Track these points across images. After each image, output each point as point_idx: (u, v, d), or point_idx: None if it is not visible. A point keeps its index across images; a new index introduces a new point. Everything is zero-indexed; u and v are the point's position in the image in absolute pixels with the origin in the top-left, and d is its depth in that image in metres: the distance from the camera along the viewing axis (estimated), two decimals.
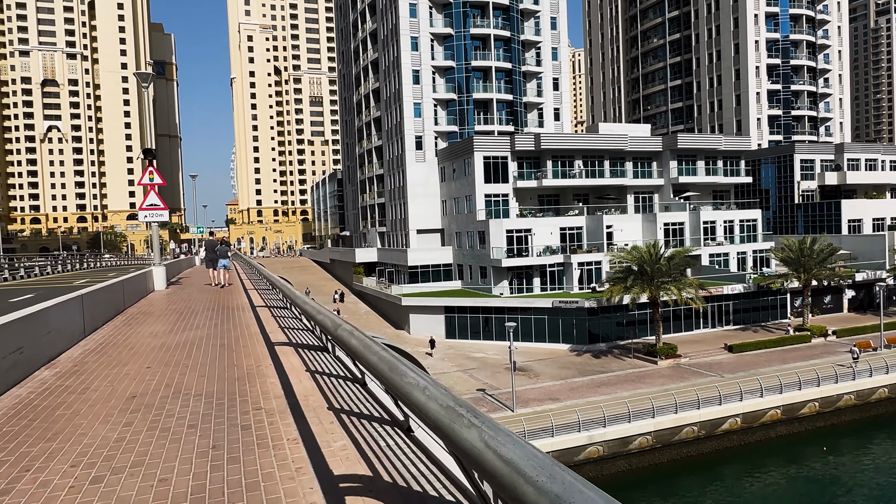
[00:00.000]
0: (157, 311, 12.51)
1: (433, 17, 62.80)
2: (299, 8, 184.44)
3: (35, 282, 27.38)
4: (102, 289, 10.71)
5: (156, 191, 18.08)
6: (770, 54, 79.75)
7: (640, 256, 41.34)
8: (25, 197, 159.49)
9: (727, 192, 65.40)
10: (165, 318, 11.44)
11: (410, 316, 53.02)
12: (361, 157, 78.95)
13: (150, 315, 11.86)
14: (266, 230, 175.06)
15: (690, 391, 33.15)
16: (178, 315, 11.78)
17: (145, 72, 17.90)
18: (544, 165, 55.61)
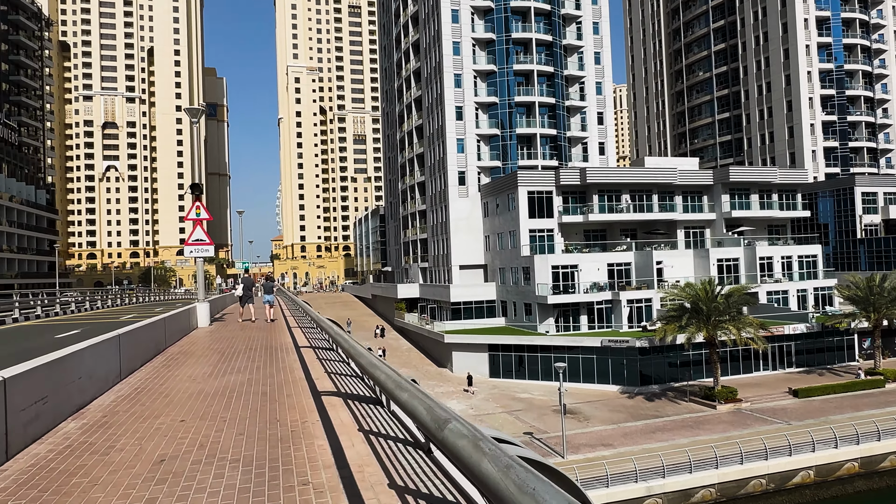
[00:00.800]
0: (199, 351, 11.92)
1: (476, 55, 63.24)
2: (344, 51, 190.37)
3: (84, 316, 27.59)
4: (142, 328, 10.17)
5: (202, 226, 17.85)
6: (824, 85, 77.28)
7: (694, 294, 39.39)
8: (83, 233, 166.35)
9: (783, 226, 62.66)
10: (206, 358, 10.81)
11: (453, 353, 51.83)
12: (404, 193, 79.27)
13: (191, 355, 11.26)
14: (309, 265, 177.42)
15: (756, 440, 30.78)
16: (219, 356, 11.14)
17: (194, 107, 17.88)
18: (590, 200, 54.40)
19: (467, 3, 62.78)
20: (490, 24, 63.48)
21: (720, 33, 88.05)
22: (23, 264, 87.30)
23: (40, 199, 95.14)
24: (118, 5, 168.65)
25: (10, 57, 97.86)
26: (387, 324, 75.80)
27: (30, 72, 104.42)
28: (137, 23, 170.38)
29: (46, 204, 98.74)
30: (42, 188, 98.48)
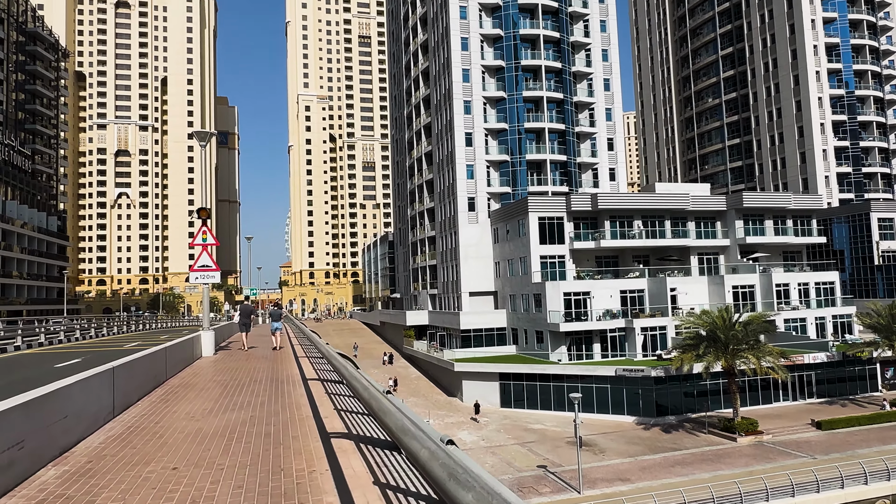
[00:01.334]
0: (201, 383, 11.25)
1: (486, 81, 63.43)
2: (354, 79, 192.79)
3: (89, 344, 27.03)
4: (140, 359, 9.54)
5: (209, 251, 17.34)
6: (835, 111, 76.82)
7: (711, 321, 38.38)
8: (94, 260, 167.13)
9: (798, 252, 61.68)
10: (208, 392, 10.14)
11: (463, 382, 50.75)
12: (413, 219, 78.98)
13: (192, 388, 10.60)
14: (318, 292, 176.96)
15: (781, 475, 29.48)
16: (222, 389, 10.47)
17: (203, 131, 17.53)
18: (602, 226, 53.75)
19: (477, 30, 63.23)
20: (499, 51, 63.80)
21: (729, 60, 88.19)
22: (32, 290, 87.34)
23: (51, 226, 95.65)
24: (134, 36, 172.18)
25: (27, 87, 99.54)
26: (395, 351, 74.79)
27: (45, 101, 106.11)
28: (152, 53, 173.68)
29: (58, 230, 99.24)
30: (54, 215, 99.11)
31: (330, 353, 7.44)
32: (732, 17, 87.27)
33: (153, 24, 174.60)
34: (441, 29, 66.27)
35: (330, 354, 7.61)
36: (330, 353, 7.44)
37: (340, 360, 7.87)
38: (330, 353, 7.44)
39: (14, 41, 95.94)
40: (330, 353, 7.44)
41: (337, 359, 8.10)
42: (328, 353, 7.65)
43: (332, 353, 7.83)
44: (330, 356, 7.57)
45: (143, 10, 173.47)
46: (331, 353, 7.63)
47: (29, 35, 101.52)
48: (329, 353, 7.76)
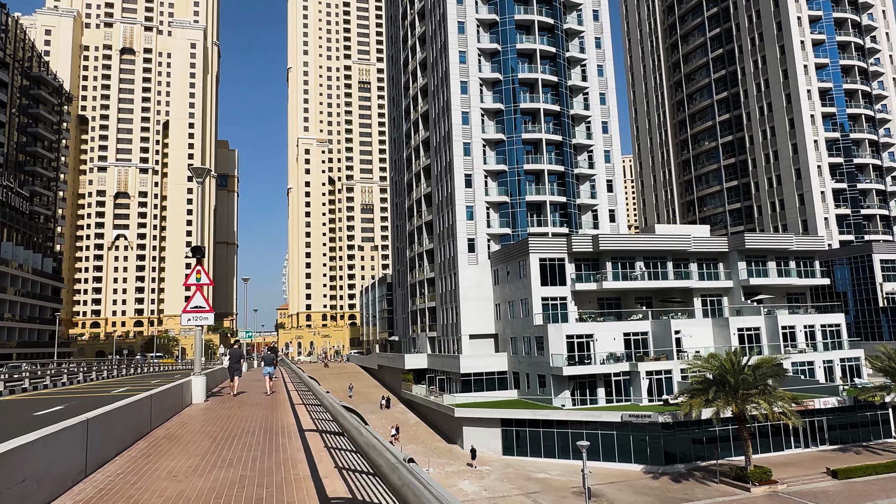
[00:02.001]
0: (188, 435, 10.33)
1: (485, 124, 63.88)
2: (354, 124, 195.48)
3: (75, 389, 25.91)
4: (120, 409, 8.67)
5: (203, 292, 16.57)
6: (831, 153, 77.45)
7: (719, 365, 37.33)
8: (88, 302, 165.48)
9: (802, 294, 60.94)
10: (195, 445, 9.22)
11: (464, 429, 49.12)
12: (412, 261, 78.37)
13: (178, 441, 9.67)
14: (314, 335, 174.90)
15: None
16: (210, 441, 9.56)
17: (200, 167, 17.02)
18: (603, 267, 53.13)
19: (476, 75, 64.03)
20: (499, 94, 64.49)
21: (724, 104, 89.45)
22: (23, 333, 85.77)
23: (47, 267, 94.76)
24: (137, 81, 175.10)
25: (29, 129, 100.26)
26: (393, 395, 73.02)
27: (46, 143, 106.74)
28: (154, 97, 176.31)
29: (53, 272, 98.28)
30: (49, 256, 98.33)
31: (335, 408, 6.61)
32: (726, 62, 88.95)
33: (157, 69, 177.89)
34: (441, 73, 67.14)
35: (334, 408, 6.78)
36: (335, 408, 6.61)
37: (340, 410, 7.04)
38: (335, 408, 6.61)
39: (18, 85, 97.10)
40: (335, 408, 6.61)
41: (337, 409, 7.27)
42: (334, 409, 6.82)
43: (337, 407, 7.00)
44: (334, 410, 6.74)
45: (147, 57, 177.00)
46: (336, 407, 6.80)
47: (33, 79, 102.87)
48: (334, 408, 6.94)
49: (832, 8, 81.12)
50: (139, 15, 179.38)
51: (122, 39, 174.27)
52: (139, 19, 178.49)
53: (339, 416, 6.05)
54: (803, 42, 78.58)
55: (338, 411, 6.28)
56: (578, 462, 43.85)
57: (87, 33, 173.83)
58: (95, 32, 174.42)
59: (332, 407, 7.19)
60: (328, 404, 7.48)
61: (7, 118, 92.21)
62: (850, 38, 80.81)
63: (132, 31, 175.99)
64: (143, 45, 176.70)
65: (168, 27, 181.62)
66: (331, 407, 7.22)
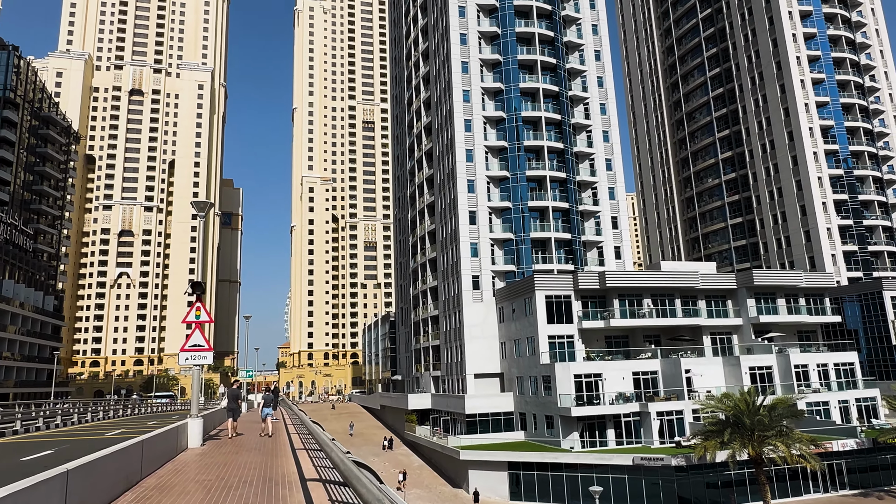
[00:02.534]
0: (181, 485, 9.57)
1: (489, 161, 64.05)
2: (358, 162, 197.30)
3: (69, 431, 25.02)
4: (105, 458, 7.99)
5: (202, 330, 15.95)
6: (836, 190, 77.34)
7: (734, 405, 36.19)
8: (89, 340, 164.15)
9: (813, 332, 59.94)
10: (188, 497, 8.49)
11: (469, 472, 47.55)
12: (416, 299, 77.62)
13: (170, 491, 8.93)
14: (316, 374, 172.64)
15: None
16: (205, 492, 8.82)
17: (202, 201, 16.62)
18: (610, 304, 52.36)
19: (480, 112, 64.55)
20: (502, 132, 64.88)
21: (726, 142, 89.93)
22: (21, 372, 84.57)
23: (48, 306, 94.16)
24: (145, 122, 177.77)
25: (36, 168, 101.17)
26: (396, 437, 71.27)
27: (53, 182, 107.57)
28: (161, 137, 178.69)
29: (54, 310, 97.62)
30: (51, 294, 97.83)
31: (348, 468, 5.93)
32: (727, 101, 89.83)
33: (164, 110, 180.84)
34: (444, 111, 67.74)
35: (342, 464, 6.11)
36: (348, 468, 5.93)
37: (351, 467, 6.36)
38: (348, 468, 5.93)
39: (28, 124, 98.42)
40: (348, 468, 5.93)
41: (348, 467, 6.58)
42: (342, 464, 6.15)
43: (346, 461, 6.33)
44: (343, 466, 6.07)
45: (155, 98, 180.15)
46: (346, 465, 6.12)
47: (42, 119, 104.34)
48: (342, 461, 6.26)
49: (830, 48, 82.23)
50: (149, 57, 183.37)
51: (131, 81, 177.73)
52: (149, 61, 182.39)
53: (347, 472, 5.40)
54: (803, 81, 79.39)
55: (347, 468, 5.62)
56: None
57: (97, 75, 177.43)
58: (105, 74, 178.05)
59: (340, 461, 6.50)
60: (337, 459, 6.78)
61: (15, 157, 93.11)
62: (850, 76, 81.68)
63: (141, 72, 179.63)
64: (151, 87, 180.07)
65: (177, 69, 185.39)
66: (339, 462, 6.53)
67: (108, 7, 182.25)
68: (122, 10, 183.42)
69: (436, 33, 72.38)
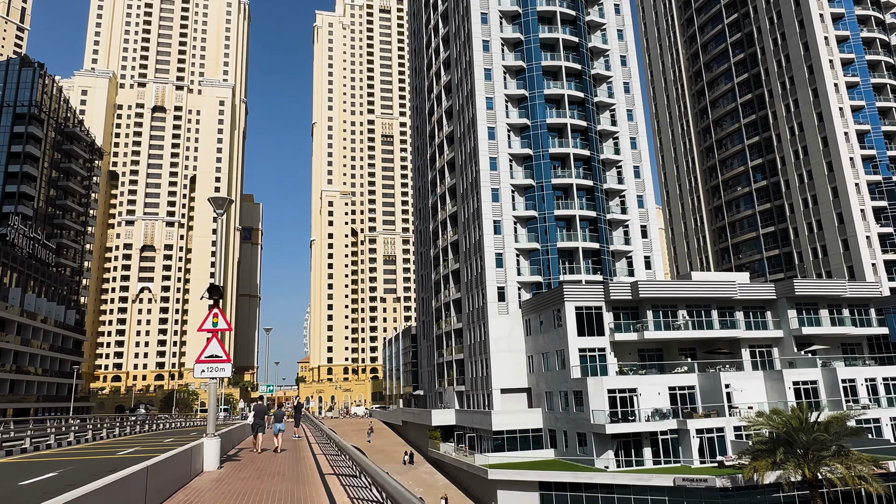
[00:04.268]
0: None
1: (513, 169, 62.44)
2: (377, 176, 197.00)
3: (80, 450, 23.60)
4: (99, 492, 6.37)
5: (219, 339, 14.39)
6: (874, 196, 74.25)
7: (785, 422, 33.73)
8: (111, 355, 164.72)
9: (858, 345, 56.90)
10: None
11: (498, 492, 45.38)
12: (438, 311, 75.82)
13: None
14: (335, 389, 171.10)
15: None
16: None
17: (221, 197, 15.16)
18: (643, 316, 50.07)
19: (504, 120, 63.07)
20: (527, 140, 63.29)
21: (756, 149, 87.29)
22: (42, 387, 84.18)
23: (70, 320, 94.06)
24: (167, 137, 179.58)
25: (60, 183, 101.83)
26: (418, 453, 69.18)
27: (77, 198, 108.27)
28: (183, 153, 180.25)
29: (75, 325, 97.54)
30: (73, 308, 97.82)
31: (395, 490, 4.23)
32: (756, 107, 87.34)
33: (186, 126, 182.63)
34: (467, 120, 66.40)
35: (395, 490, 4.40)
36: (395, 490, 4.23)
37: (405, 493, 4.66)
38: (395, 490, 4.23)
39: (52, 140, 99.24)
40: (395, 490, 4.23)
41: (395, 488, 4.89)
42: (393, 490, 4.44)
43: (400, 489, 4.62)
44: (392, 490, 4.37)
45: (177, 114, 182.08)
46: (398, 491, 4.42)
47: (67, 135, 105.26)
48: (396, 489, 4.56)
49: (864, 50, 79.57)
50: (171, 75, 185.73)
51: (154, 98, 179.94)
52: (171, 79, 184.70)
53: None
54: (837, 85, 76.75)
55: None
56: None
57: (121, 93, 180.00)
58: (129, 92, 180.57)
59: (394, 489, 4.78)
60: (393, 490, 5.06)
61: (39, 172, 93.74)
62: (885, 80, 78.86)
63: (164, 90, 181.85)
64: (173, 104, 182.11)
65: (198, 85, 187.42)
66: (388, 487, 4.81)
67: (133, 26, 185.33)
68: (146, 28, 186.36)
69: (457, 41, 71.31)
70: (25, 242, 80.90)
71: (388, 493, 5.61)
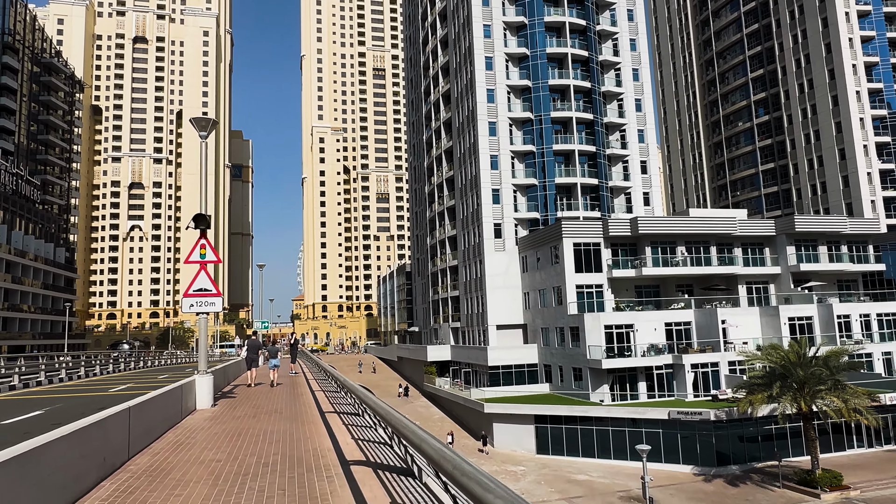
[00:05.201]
0: (181, 467, 7.14)
1: (511, 102, 60.27)
2: (369, 111, 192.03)
3: (72, 386, 23.08)
4: (73, 436, 5.52)
5: (208, 271, 13.41)
6: (877, 132, 72.74)
7: (782, 357, 33.72)
8: (104, 293, 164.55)
9: (854, 281, 56.89)
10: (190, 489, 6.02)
11: (494, 425, 45.99)
12: (433, 249, 75.14)
13: (165, 479, 6.49)
14: (330, 326, 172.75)
15: None
16: (212, 482, 6.38)
17: (204, 118, 13.83)
18: (642, 252, 49.50)
19: (502, 49, 60.38)
20: (525, 70, 60.81)
21: (759, 82, 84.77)
22: (36, 325, 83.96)
23: (59, 258, 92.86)
24: (150, 70, 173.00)
25: (40, 117, 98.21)
26: (413, 388, 70.13)
27: (59, 132, 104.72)
28: (168, 87, 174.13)
29: (66, 262, 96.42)
30: (62, 246, 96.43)
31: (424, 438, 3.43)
32: (762, 38, 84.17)
33: (169, 58, 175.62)
34: (463, 50, 63.54)
35: (413, 433, 3.60)
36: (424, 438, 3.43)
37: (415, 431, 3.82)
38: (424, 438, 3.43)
39: (29, 71, 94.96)
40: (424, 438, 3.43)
41: (412, 430, 4.06)
42: (411, 435, 3.65)
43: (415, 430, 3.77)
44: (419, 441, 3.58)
45: (160, 45, 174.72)
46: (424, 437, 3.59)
47: (45, 66, 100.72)
48: (416, 434, 3.72)
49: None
50: (151, 3, 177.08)
51: (134, 28, 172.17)
52: (151, 7, 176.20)
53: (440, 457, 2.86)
54: (847, 13, 73.69)
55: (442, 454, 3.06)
56: (620, 462, 40.64)
57: (99, 22, 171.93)
58: (108, 21, 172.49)
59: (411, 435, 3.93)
60: (413, 436, 4.22)
61: (18, 105, 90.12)
62: (893, 7, 75.73)
63: (144, 19, 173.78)
64: (155, 34, 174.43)
65: (181, 15, 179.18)
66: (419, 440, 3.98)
67: None
68: None
69: None
70: (8, 178, 78.59)
71: (397, 431, 4.78)
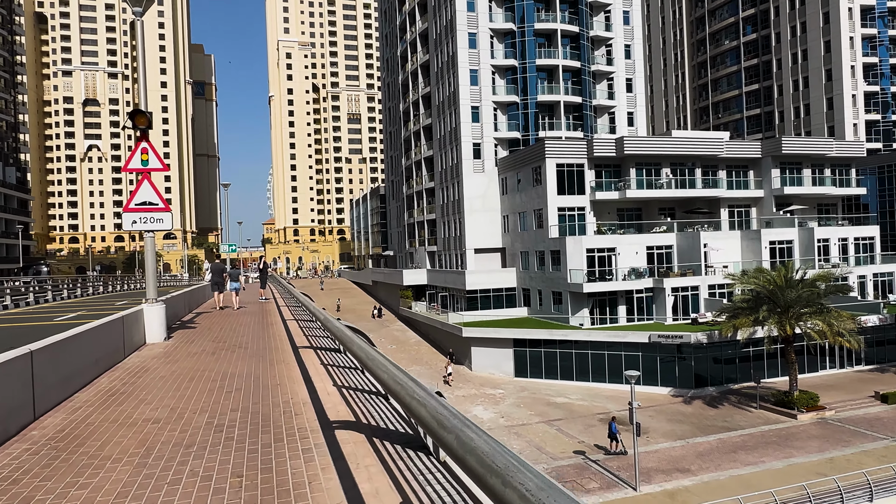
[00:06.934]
0: (101, 434, 5.29)
1: (493, 12, 56.20)
2: (338, 25, 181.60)
3: (14, 315, 20.94)
4: None
5: (152, 182, 11.14)
6: (866, 52, 70.77)
7: (768, 280, 33.11)
8: (65, 216, 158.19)
9: (833, 205, 56.56)
10: (99, 477, 4.18)
11: (472, 349, 45.50)
12: (408, 170, 72.39)
13: (71, 457, 4.64)
14: (302, 250, 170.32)
15: (866, 461, 24.71)
16: (137, 462, 4.53)
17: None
18: (626, 174, 47.88)
19: None
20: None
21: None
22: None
23: (10, 178, 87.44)
24: None
25: None
26: (389, 311, 69.43)
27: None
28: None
29: (17, 182, 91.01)
30: (12, 166, 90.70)
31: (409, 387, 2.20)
32: None
33: None
34: None
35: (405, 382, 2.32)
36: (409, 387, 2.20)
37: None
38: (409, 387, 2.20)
39: None
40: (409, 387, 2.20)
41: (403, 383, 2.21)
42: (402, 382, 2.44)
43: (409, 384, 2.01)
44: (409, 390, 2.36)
45: None
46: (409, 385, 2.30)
47: None
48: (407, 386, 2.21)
49: None
50: None
51: None
52: None
53: None
54: None
55: None
56: (599, 385, 40.68)
57: None
58: None
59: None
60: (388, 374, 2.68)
61: None
62: None
63: None
64: None
65: None
66: None
67: None
68: None
69: None
70: None
71: (384, 383, 3.02)
